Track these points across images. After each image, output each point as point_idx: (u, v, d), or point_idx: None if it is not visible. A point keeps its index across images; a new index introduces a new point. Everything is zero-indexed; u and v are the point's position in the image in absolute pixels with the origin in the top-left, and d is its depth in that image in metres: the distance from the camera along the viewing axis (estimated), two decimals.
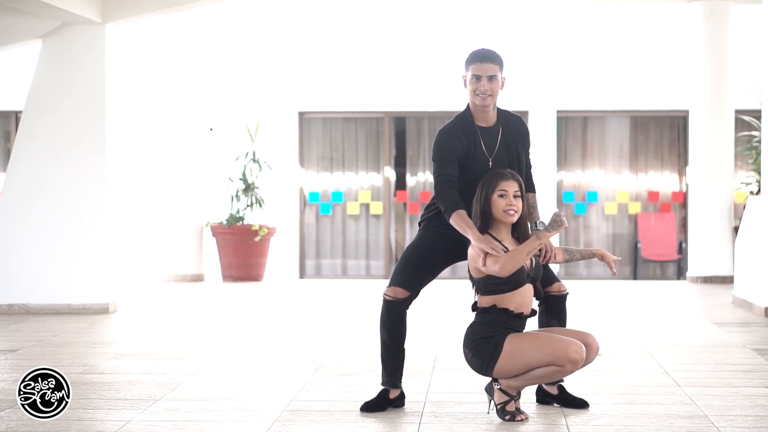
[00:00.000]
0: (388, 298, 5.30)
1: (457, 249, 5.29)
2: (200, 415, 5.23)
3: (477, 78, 5.18)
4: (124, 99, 15.55)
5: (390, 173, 16.55)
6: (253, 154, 14.32)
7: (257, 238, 13.84)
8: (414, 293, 5.30)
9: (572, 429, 4.91)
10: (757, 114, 13.91)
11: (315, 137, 16.65)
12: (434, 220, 5.34)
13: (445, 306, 10.44)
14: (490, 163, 5.21)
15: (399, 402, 5.39)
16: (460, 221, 5.04)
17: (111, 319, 9.39)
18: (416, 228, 9.57)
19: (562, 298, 5.33)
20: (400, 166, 16.65)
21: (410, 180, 16.59)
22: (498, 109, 5.32)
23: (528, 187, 5.28)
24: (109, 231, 9.95)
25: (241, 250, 13.95)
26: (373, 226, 16.54)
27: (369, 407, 5.32)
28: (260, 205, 14.22)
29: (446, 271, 5.77)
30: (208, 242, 14.34)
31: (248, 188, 14.19)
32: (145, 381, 6.19)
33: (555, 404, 5.41)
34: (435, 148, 5.23)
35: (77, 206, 9.85)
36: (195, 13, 13.80)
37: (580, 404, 5.36)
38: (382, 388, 5.39)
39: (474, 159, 5.21)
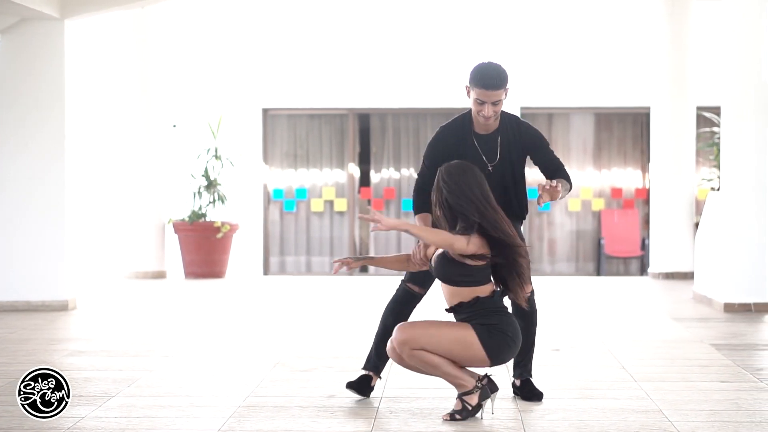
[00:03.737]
0: (413, 290, 5.44)
1: None
2: (155, 411, 5.20)
3: (481, 102, 5.18)
4: (85, 95, 15.45)
5: (354, 170, 16.54)
6: (216, 151, 14.25)
7: (219, 235, 13.78)
8: (425, 293, 5.52)
9: (527, 423, 4.92)
10: (717, 111, 13.96)
11: (279, 134, 16.61)
12: None
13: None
14: (490, 168, 5.27)
15: (370, 392, 5.50)
16: (419, 222, 5.32)
17: (70, 316, 9.32)
18: None
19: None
20: (365, 162, 16.65)
21: (374, 177, 16.58)
22: (503, 114, 5.34)
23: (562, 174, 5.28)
24: (69, 227, 9.87)
25: (203, 247, 13.88)
26: (337, 222, 16.52)
27: (353, 386, 5.47)
28: (222, 202, 14.15)
29: None
30: (170, 239, 14.26)
31: (210, 185, 14.12)
32: (101, 378, 6.16)
33: (514, 396, 5.47)
34: (427, 148, 5.38)
35: (37, 202, 9.76)
36: (156, 8, 13.70)
37: (536, 396, 5.40)
38: (364, 373, 5.49)
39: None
